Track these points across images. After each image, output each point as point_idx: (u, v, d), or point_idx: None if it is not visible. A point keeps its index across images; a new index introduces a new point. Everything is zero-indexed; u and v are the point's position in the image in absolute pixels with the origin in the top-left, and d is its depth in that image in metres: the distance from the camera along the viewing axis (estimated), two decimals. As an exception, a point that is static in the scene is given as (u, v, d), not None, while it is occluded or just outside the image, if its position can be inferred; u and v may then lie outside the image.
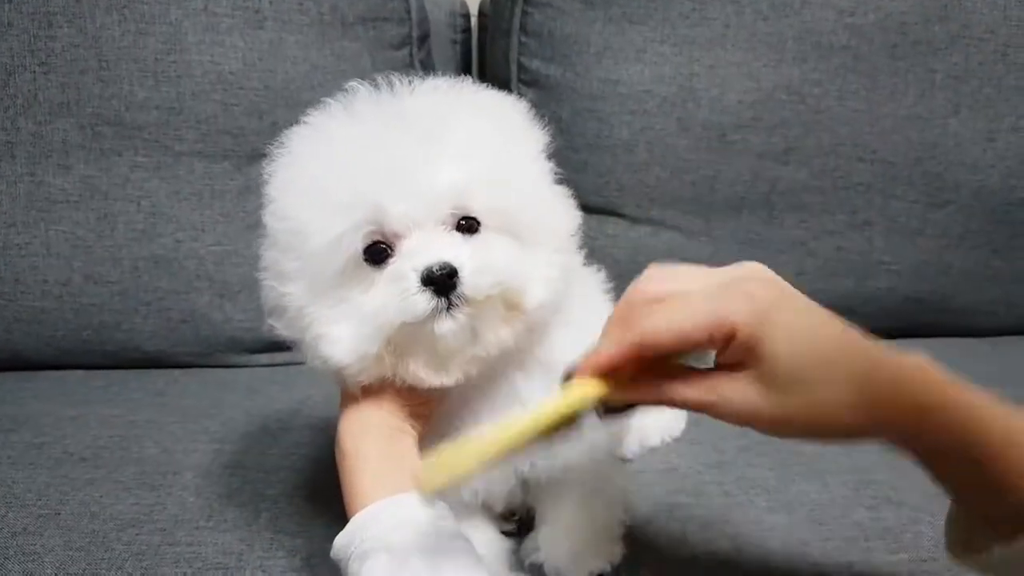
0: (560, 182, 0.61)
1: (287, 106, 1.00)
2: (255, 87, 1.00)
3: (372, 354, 0.53)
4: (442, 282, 0.51)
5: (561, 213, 0.58)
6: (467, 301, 0.52)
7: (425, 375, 0.54)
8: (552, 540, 0.63)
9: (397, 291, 0.51)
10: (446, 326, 0.52)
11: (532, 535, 0.65)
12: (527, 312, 0.54)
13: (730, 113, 1.07)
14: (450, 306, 0.52)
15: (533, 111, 0.61)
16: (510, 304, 0.54)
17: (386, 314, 0.52)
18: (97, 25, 0.96)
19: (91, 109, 0.97)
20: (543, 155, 0.59)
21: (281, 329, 0.56)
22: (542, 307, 0.55)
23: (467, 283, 0.51)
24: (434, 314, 0.51)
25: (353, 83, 0.57)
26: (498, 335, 0.54)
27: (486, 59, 1.23)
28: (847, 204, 1.11)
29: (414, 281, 0.51)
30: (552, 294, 0.55)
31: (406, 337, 0.53)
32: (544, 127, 0.61)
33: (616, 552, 0.63)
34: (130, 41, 0.96)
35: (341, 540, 0.51)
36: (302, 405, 0.91)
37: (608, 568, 0.62)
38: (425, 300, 0.51)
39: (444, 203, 0.53)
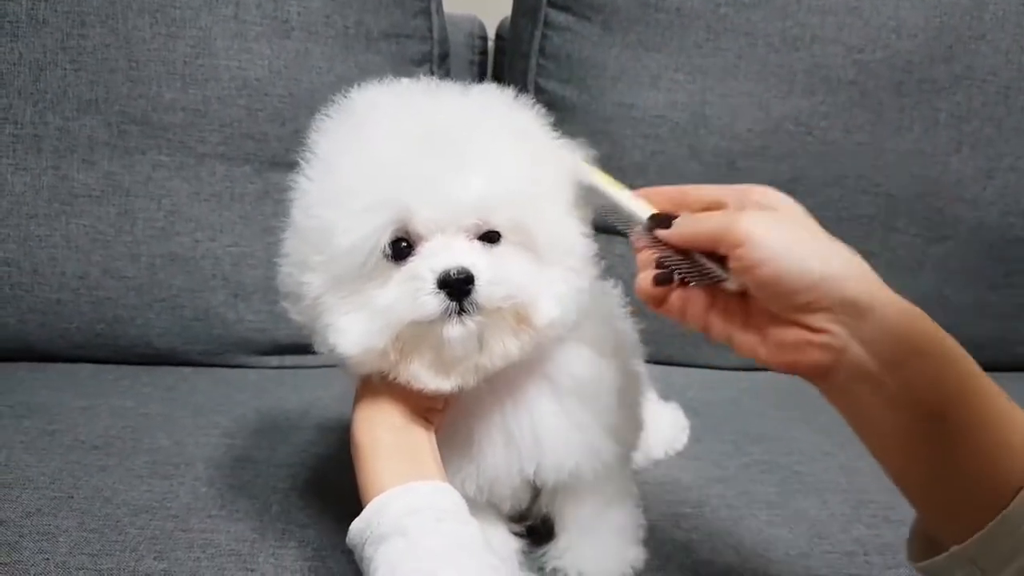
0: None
1: (310, 114, 0.99)
2: (279, 94, 1.02)
3: (378, 348, 0.53)
4: (457, 286, 0.51)
5: (579, 234, 0.58)
6: (479, 309, 0.52)
7: (426, 377, 0.54)
8: (574, 546, 0.64)
9: (411, 289, 0.52)
10: (455, 331, 0.52)
11: (553, 542, 0.65)
12: (536, 327, 0.55)
13: (740, 141, 1.10)
14: (461, 311, 0.52)
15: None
16: (520, 318, 0.54)
17: (397, 311, 0.52)
18: (129, 26, 0.98)
19: (118, 107, 0.99)
20: (567, 176, 0.59)
21: (294, 314, 0.57)
22: (552, 324, 0.55)
23: (481, 291, 0.52)
24: (444, 317, 0.52)
25: (390, 81, 0.59)
26: (505, 347, 0.54)
27: (503, 80, 1.26)
28: (850, 235, 1.06)
29: (430, 281, 0.52)
30: (563, 312, 0.55)
31: (414, 336, 0.53)
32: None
33: (639, 556, 0.64)
34: (160, 44, 0.99)
35: (357, 525, 0.52)
36: (311, 407, 0.92)
37: (631, 572, 0.63)
38: (437, 302, 0.52)
39: (469, 214, 0.54)
